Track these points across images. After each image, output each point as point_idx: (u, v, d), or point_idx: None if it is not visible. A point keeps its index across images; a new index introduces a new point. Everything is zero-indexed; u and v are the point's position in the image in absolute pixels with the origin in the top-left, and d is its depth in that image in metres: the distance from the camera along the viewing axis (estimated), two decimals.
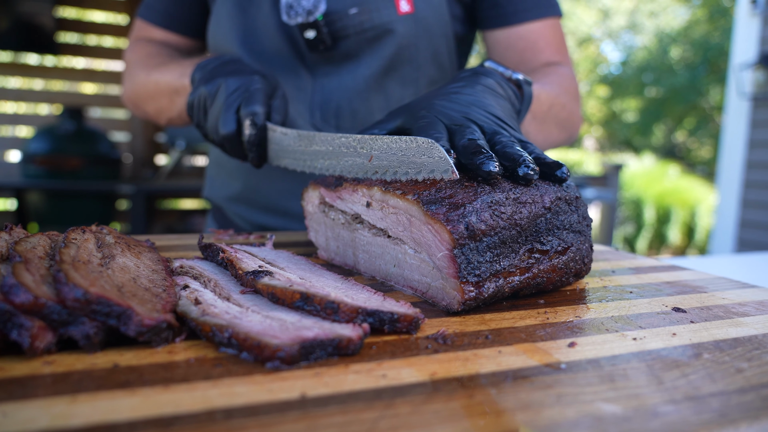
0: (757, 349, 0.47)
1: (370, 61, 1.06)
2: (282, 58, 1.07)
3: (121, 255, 0.56)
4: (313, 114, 1.08)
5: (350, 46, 1.04)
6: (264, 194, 1.14)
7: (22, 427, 0.31)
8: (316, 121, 1.09)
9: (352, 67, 1.07)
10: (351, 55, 1.06)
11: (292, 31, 1.05)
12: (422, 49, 1.08)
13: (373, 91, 1.08)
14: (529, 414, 0.35)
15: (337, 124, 1.09)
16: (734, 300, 0.62)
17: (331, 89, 1.08)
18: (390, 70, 1.07)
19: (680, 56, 13.78)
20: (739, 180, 4.71)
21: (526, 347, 0.46)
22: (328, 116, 1.08)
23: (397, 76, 1.09)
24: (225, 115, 0.82)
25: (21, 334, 0.39)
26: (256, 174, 1.13)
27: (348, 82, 1.07)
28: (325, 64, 1.07)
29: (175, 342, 0.44)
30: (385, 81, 1.08)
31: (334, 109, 1.08)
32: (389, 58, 1.06)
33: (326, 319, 0.46)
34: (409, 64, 1.09)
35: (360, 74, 1.07)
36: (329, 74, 1.08)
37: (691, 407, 0.36)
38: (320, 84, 1.08)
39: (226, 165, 1.19)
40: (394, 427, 0.33)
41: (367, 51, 1.05)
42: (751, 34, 4.57)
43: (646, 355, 0.45)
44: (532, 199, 0.58)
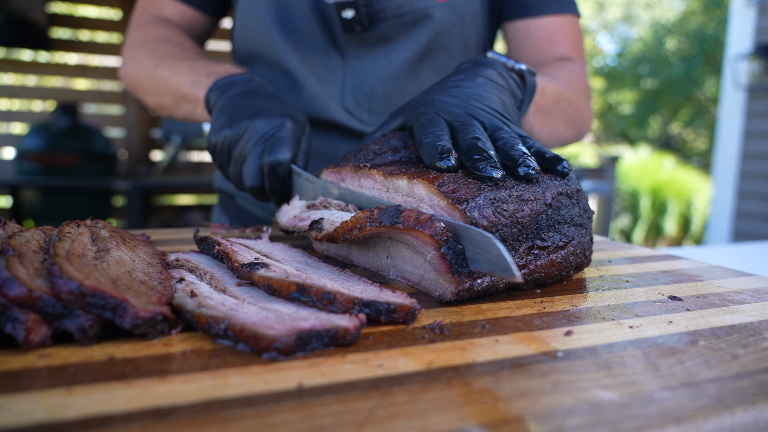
0: (752, 336, 0.47)
1: (405, 46, 1.05)
2: (313, 38, 1.06)
3: (116, 248, 0.56)
4: (344, 97, 1.07)
5: (386, 29, 1.04)
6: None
7: (18, 419, 0.31)
8: (347, 104, 1.08)
9: (386, 51, 1.06)
10: (386, 38, 1.05)
11: (325, 11, 1.04)
12: (456, 37, 1.08)
13: (408, 77, 1.07)
14: (526, 401, 0.35)
15: (369, 108, 1.08)
16: (730, 288, 0.62)
17: (364, 72, 1.07)
18: (425, 56, 1.07)
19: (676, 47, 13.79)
20: (735, 171, 4.73)
21: (523, 336, 0.46)
22: (360, 100, 1.07)
23: (432, 62, 1.08)
24: (249, 166, 0.78)
25: (15, 328, 0.39)
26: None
27: (382, 66, 1.06)
28: (357, 47, 1.06)
29: (171, 334, 0.44)
30: (419, 67, 1.07)
31: (367, 93, 1.07)
32: (425, 44, 1.05)
33: (322, 310, 0.46)
34: (443, 51, 1.08)
35: (395, 58, 1.06)
36: (361, 57, 1.07)
37: (687, 393, 0.36)
38: (351, 66, 1.07)
39: None
40: (391, 415, 0.33)
41: (403, 35, 1.05)
42: (747, 24, 4.58)
43: (642, 342, 0.45)
44: (534, 197, 0.58)
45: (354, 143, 1.09)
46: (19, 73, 4.29)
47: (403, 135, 0.73)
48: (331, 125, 1.08)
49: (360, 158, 0.71)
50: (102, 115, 4.55)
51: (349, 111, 1.07)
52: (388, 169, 0.65)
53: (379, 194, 0.65)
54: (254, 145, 0.78)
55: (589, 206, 0.65)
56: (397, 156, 0.70)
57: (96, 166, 3.76)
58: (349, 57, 1.07)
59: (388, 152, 0.70)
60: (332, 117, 1.07)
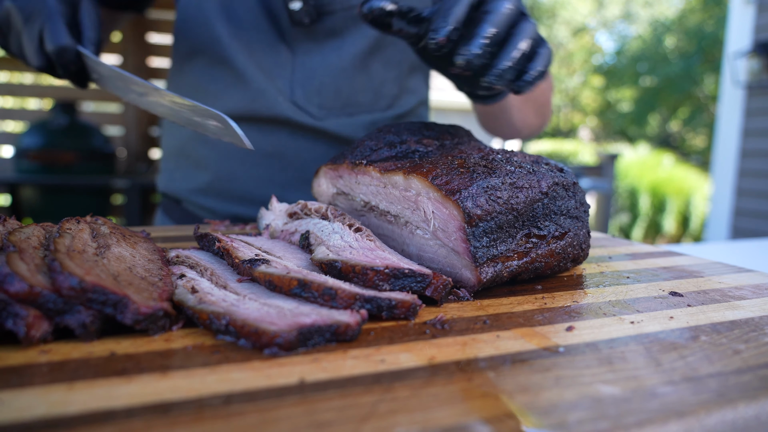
0: (754, 331, 0.47)
1: (355, 40, 1.05)
2: (261, 33, 1.04)
3: (116, 245, 0.56)
4: (293, 92, 1.05)
5: (335, 23, 1.03)
6: (239, 183, 1.09)
7: (20, 414, 0.31)
8: (296, 99, 1.06)
9: (336, 45, 1.05)
10: (335, 32, 1.04)
11: (272, 4, 1.02)
12: None
13: (358, 71, 1.06)
14: (528, 396, 0.35)
15: (319, 103, 1.06)
16: (731, 284, 0.62)
17: (314, 66, 1.05)
18: (375, 50, 1.07)
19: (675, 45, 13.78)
20: (734, 169, 4.73)
21: (524, 332, 0.46)
22: (310, 94, 1.06)
23: (382, 56, 1.08)
24: (29, 49, 0.77)
25: (16, 324, 0.39)
26: (229, 162, 1.08)
27: (333, 60, 1.05)
28: (306, 41, 1.04)
29: (172, 330, 0.44)
30: (370, 61, 1.07)
31: (317, 87, 1.05)
32: (375, 37, 1.05)
33: (324, 305, 0.46)
34: (393, 45, 1.08)
35: (345, 52, 1.05)
36: (311, 51, 1.05)
37: (689, 388, 0.36)
38: (301, 61, 1.05)
39: (191, 155, 1.12)
40: (393, 410, 0.33)
41: (352, 29, 1.04)
42: (746, 22, 4.58)
43: (643, 338, 0.45)
44: (529, 184, 0.58)
45: (303, 140, 1.07)
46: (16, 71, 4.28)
47: (398, 129, 0.73)
48: (279, 121, 1.06)
49: (356, 155, 0.71)
50: (101, 113, 4.55)
51: (299, 106, 1.06)
52: (384, 165, 0.65)
53: (377, 190, 0.65)
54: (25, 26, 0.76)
55: (586, 200, 0.65)
56: (393, 151, 0.70)
57: (95, 164, 3.75)
58: (299, 51, 1.05)
59: (384, 147, 0.70)
60: (281, 113, 1.04)
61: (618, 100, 15.37)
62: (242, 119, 1.04)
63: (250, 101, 1.04)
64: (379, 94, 1.10)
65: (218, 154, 1.08)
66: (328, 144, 1.09)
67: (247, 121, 1.05)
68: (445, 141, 0.71)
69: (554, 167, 0.63)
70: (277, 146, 1.07)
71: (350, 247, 0.57)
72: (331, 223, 0.63)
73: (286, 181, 1.09)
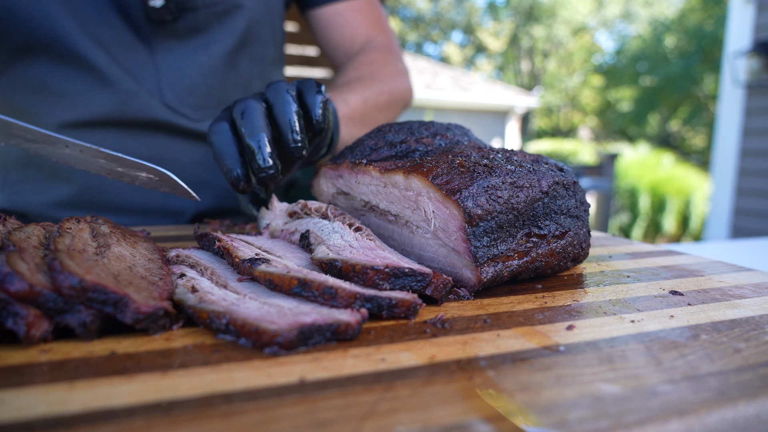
0: (754, 330, 0.47)
1: (221, 37, 1.03)
2: (114, 29, 0.96)
3: (116, 244, 0.56)
4: (163, 93, 1.00)
5: (198, 20, 1.00)
6: (113, 193, 1.01)
7: (20, 413, 0.31)
8: (168, 100, 1.00)
9: (202, 43, 1.02)
10: (199, 29, 1.01)
11: (123, 0, 0.95)
12: (266, 27, 1.10)
13: (227, 68, 1.05)
14: (528, 395, 0.35)
15: (193, 104, 1.03)
16: (731, 283, 0.62)
17: (181, 66, 1.01)
18: (241, 46, 1.06)
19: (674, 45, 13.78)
20: (734, 168, 4.73)
21: (525, 330, 0.46)
22: (182, 95, 1.01)
23: (248, 53, 1.08)
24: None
25: (17, 323, 0.39)
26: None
27: (201, 58, 1.02)
28: (167, 39, 0.99)
29: (172, 329, 0.44)
30: (237, 58, 1.06)
31: (188, 87, 1.01)
32: (241, 34, 1.04)
33: (324, 304, 0.46)
34: (257, 41, 1.09)
35: (213, 50, 1.03)
36: (173, 49, 1.00)
37: (689, 386, 0.36)
38: (164, 60, 1.00)
39: (43, 165, 1.00)
40: (394, 409, 0.33)
41: (217, 26, 1.02)
42: (745, 21, 4.58)
43: (644, 336, 0.45)
44: (529, 184, 0.58)
45: (182, 142, 1.03)
46: None
47: (398, 128, 0.73)
48: (156, 125, 1.00)
49: (356, 154, 0.71)
50: None
51: (171, 108, 1.01)
52: (385, 164, 0.65)
53: (377, 190, 0.65)
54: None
55: (586, 199, 0.65)
56: (393, 150, 0.70)
57: None
58: (159, 50, 0.99)
59: (384, 147, 0.70)
60: (155, 116, 0.99)
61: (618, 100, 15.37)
62: (111, 124, 0.98)
63: (119, 104, 0.97)
64: (249, 90, 1.10)
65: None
66: (207, 146, 1.05)
67: (118, 126, 0.99)
68: (444, 140, 0.71)
69: (554, 166, 0.63)
70: (154, 150, 1.01)
71: (350, 246, 0.57)
72: (331, 223, 0.63)
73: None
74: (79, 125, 0.97)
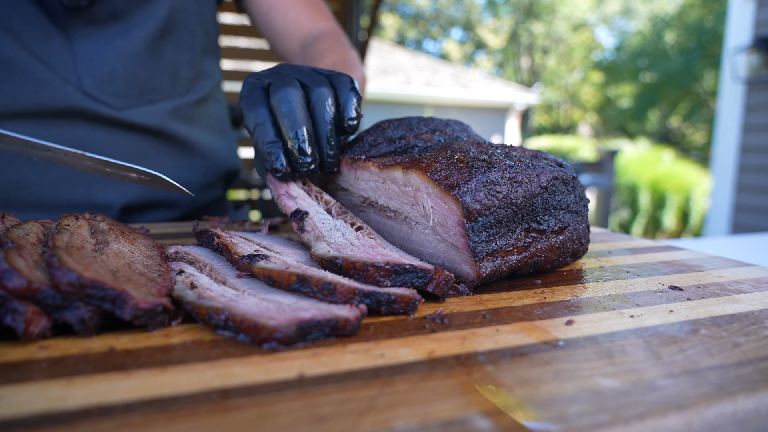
0: (753, 325, 0.47)
1: (142, 23, 1.00)
2: (24, 15, 0.92)
3: (115, 241, 0.56)
4: (81, 80, 0.96)
5: (116, 6, 0.97)
6: (34, 189, 0.96)
7: (19, 410, 0.31)
8: (87, 88, 0.97)
9: (122, 29, 0.99)
10: (118, 15, 0.98)
11: None
12: (193, 14, 1.08)
13: (150, 55, 1.02)
14: (527, 390, 0.35)
15: (114, 91, 0.99)
16: (730, 278, 0.62)
17: (100, 53, 0.97)
18: (166, 33, 1.04)
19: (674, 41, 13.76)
20: (734, 164, 4.73)
21: (524, 326, 0.46)
22: (101, 82, 0.97)
23: (173, 40, 1.06)
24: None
25: (15, 319, 0.39)
26: (13, 167, 0.94)
27: (121, 45, 0.99)
28: (85, 25, 0.96)
29: (171, 326, 0.44)
30: (162, 45, 1.04)
31: (108, 74, 0.98)
32: (164, 19, 1.02)
33: (323, 300, 0.46)
34: (183, 28, 1.06)
35: (135, 36, 1.00)
36: (91, 36, 0.97)
37: (689, 381, 0.36)
38: (81, 47, 0.96)
39: None
40: (393, 404, 0.33)
41: (137, 12, 1.00)
42: (746, 17, 4.57)
43: (643, 331, 0.45)
44: (528, 179, 0.58)
45: (104, 133, 0.99)
46: None
47: (397, 124, 0.73)
48: (73, 113, 0.96)
49: (355, 150, 0.71)
50: None
51: (91, 96, 0.97)
52: (384, 160, 0.65)
53: (376, 186, 0.65)
54: None
55: (585, 195, 0.65)
56: (392, 146, 0.69)
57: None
58: (76, 37, 0.95)
59: (383, 143, 0.70)
60: (73, 104, 0.95)
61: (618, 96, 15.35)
62: (25, 115, 0.94)
63: (31, 93, 0.93)
64: (176, 78, 1.07)
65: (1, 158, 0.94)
66: (132, 135, 1.02)
67: (32, 117, 0.94)
68: (444, 136, 0.71)
69: (553, 162, 0.63)
70: (74, 142, 0.97)
71: (351, 245, 0.57)
72: (334, 220, 0.62)
73: (89, 178, 0.99)
74: None
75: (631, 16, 15.83)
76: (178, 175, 1.09)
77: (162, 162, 1.06)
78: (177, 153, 1.09)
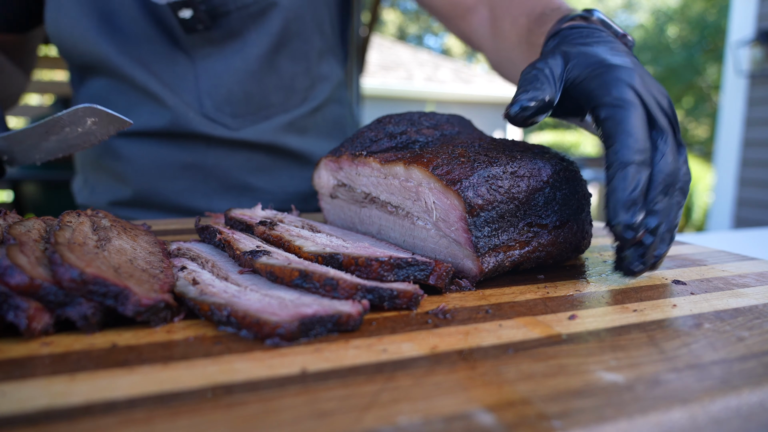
0: (757, 319, 0.47)
1: (257, 39, 1.00)
2: (153, 44, 0.97)
3: (117, 237, 0.56)
4: (202, 103, 1.00)
5: (233, 24, 0.97)
6: (161, 195, 1.07)
7: (22, 405, 0.31)
8: (207, 111, 1.01)
9: (238, 47, 0.99)
10: (235, 33, 0.98)
11: (160, 12, 0.95)
12: (308, 20, 1.05)
13: (265, 71, 1.02)
14: (531, 384, 0.34)
15: (232, 112, 1.02)
16: (734, 272, 0.62)
17: (218, 73, 1.00)
18: (280, 46, 1.02)
19: (677, 35, 13.70)
20: (737, 158, 4.71)
21: (527, 320, 0.46)
22: (220, 104, 1.01)
23: (288, 52, 1.04)
24: None
25: (18, 316, 0.39)
26: (147, 177, 1.05)
27: (237, 64, 1.00)
28: (204, 46, 0.98)
29: (173, 321, 0.44)
30: (276, 58, 1.03)
31: (225, 96, 1.01)
32: (278, 33, 1.00)
33: (325, 296, 0.46)
34: (297, 37, 1.04)
35: (249, 54, 1.00)
36: (211, 56, 0.99)
37: (693, 375, 0.36)
38: (203, 68, 0.99)
39: (108, 168, 1.08)
40: (396, 399, 0.32)
41: (252, 28, 0.99)
42: (749, 10, 4.54)
43: (647, 326, 0.45)
44: (530, 173, 0.58)
45: (222, 150, 1.04)
46: None
47: (398, 119, 0.72)
48: (195, 136, 1.02)
49: (356, 146, 0.71)
50: None
51: (211, 118, 1.01)
52: (385, 156, 0.64)
53: (378, 181, 0.65)
54: None
55: (587, 189, 0.64)
56: (393, 142, 0.69)
57: None
58: (198, 58, 0.99)
59: (385, 138, 0.70)
60: (194, 128, 1.01)
61: None
62: (153, 134, 1.03)
63: (160, 118, 1.01)
64: (291, 91, 1.07)
65: (134, 168, 1.05)
66: (249, 151, 1.06)
67: (159, 137, 1.03)
68: (445, 131, 0.71)
69: (555, 156, 0.63)
70: (195, 158, 1.05)
71: (343, 246, 0.57)
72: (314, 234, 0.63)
73: (209, 189, 1.07)
74: (128, 134, 1.04)
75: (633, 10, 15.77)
76: (294, 186, 1.12)
77: (277, 174, 1.11)
78: (291, 165, 1.11)
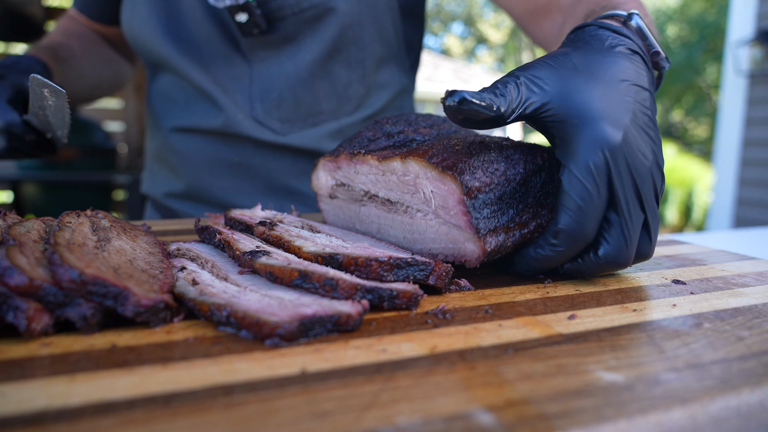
0: (757, 318, 0.47)
1: (311, 45, 0.98)
2: (213, 45, 1.00)
3: (116, 238, 0.56)
4: (253, 106, 1.01)
5: (288, 29, 0.97)
6: (209, 191, 1.10)
7: (21, 406, 0.31)
8: (257, 114, 1.02)
9: (292, 52, 0.99)
10: (290, 38, 0.98)
11: (222, 15, 0.97)
12: (367, 27, 1.01)
13: (318, 77, 1.01)
14: (531, 384, 0.34)
15: (280, 117, 1.02)
16: (734, 272, 0.62)
17: (271, 77, 1.00)
18: (334, 52, 1.00)
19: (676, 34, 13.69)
20: (736, 158, 4.71)
21: (527, 320, 0.46)
22: (270, 108, 1.01)
23: (342, 58, 1.02)
24: None
25: (17, 317, 0.39)
26: (197, 172, 1.09)
27: (289, 69, 1.00)
28: (262, 49, 0.99)
29: (173, 322, 0.44)
30: (330, 65, 1.01)
31: (276, 100, 1.01)
32: (332, 39, 0.98)
33: (325, 296, 0.46)
34: (354, 44, 1.01)
35: (302, 59, 0.99)
36: (267, 60, 1.00)
37: (692, 374, 0.36)
38: (258, 71, 1.00)
39: (167, 160, 1.13)
40: (395, 399, 0.32)
41: (308, 33, 0.98)
42: (748, 10, 4.54)
43: (646, 325, 0.45)
44: (525, 157, 0.58)
45: (269, 152, 1.06)
46: None
47: (395, 120, 0.73)
48: (244, 138, 1.04)
49: (354, 145, 0.71)
50: (101, 109, 4.54)
51: (260, 122, 1.02)
52: (382, 153, 0.65)
53: (376, 178, 0.65)
54: None
55: None
56: (390, 141, 0.69)
57: (96, 160, 3.75)
58: (254, 61, 1.00)
59: (382, 138, 0.70)
60: (243, 130, 1.03)
61: None
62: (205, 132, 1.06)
63: (212, 118, 1.04)
64: (344, 98, 1.05)
65: (186, 163, 1.09)
66: (294, 155, 1.07)
67: (211, 135, 1.06)
68: (442, 130, 0.71)
69: (550, 148, 0.63)
70: (242, 157, 1.07)
71: (343, 246, 0.57)
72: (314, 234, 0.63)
73: (254, 189, 1.09)
74: (183, 130, 1.08)
75: None
76: None
77: None
78: None
